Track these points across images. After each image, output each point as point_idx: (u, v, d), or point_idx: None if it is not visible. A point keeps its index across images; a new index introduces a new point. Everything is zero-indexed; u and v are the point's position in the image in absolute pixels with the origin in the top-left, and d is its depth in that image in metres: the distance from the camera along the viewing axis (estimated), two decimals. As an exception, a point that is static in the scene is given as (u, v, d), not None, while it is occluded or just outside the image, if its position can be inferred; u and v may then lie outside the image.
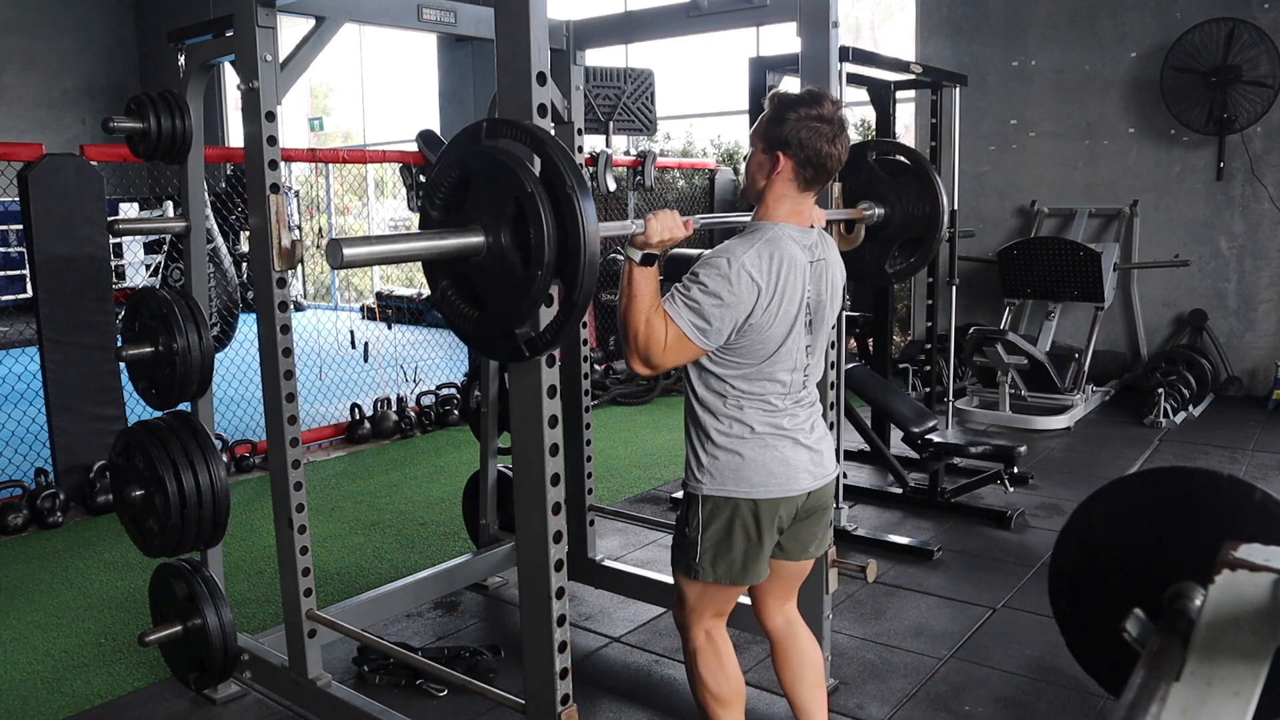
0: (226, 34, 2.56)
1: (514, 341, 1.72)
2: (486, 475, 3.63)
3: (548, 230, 1.59)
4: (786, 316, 1.99)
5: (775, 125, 2.00)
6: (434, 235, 1.68)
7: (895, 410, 4.48)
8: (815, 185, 2.05)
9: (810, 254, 2.05)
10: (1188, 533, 1.18)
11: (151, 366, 2.71)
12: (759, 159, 2.05)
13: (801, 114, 1.97)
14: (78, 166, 4.62)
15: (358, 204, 13.11)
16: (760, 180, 2.05)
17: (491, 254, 1.67)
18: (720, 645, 2.22)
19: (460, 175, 1.72)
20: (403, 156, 6.49)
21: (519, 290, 1.65)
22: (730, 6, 2.72)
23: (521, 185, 1.60)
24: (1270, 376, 6.37)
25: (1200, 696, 0.91)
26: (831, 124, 1.99)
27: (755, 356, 2.01)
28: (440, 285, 1.77)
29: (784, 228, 2.02)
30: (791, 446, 2.08)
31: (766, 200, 2.05)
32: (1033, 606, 3.39)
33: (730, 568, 2.10)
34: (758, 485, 2.05)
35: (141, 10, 14.53)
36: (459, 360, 7.99)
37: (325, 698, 2.64)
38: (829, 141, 1.98)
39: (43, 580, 3.83)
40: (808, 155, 1.98)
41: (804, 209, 2.07)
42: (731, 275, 1.93)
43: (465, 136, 1.73)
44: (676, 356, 1.96)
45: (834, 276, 2.15)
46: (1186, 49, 6.47)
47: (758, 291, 1.94)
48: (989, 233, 7.35)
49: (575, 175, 1.59)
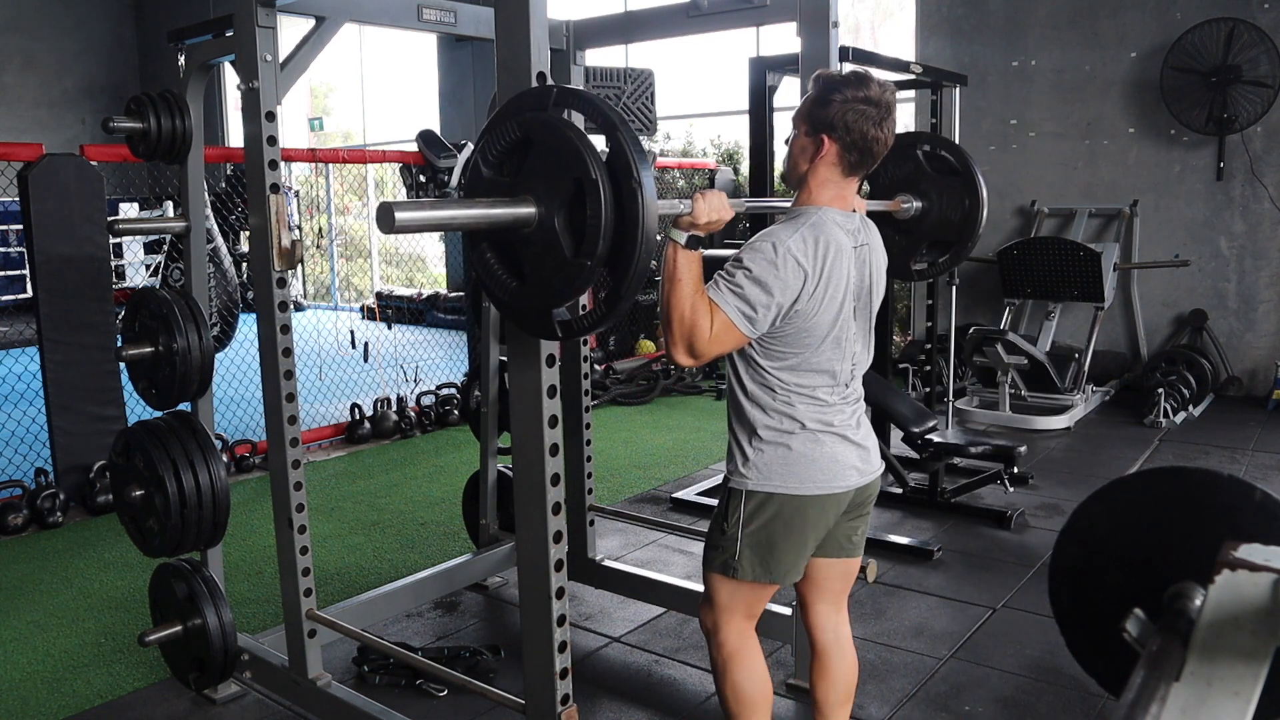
0: (226, 34, 2.56)
1: (549, 320, 1.65)
2: (486, 475, 3.63)
3: (605, 221, 1.52)
4: (833, 303, 1.93)
5: (820, 107, 1.93)
6: (486, 204, 1.61)
7: (895, 410, 4.48)
8: (860, 170, 1.98)
9: (854, 239, 1.99)
10: (1188, 533, 1.18)
11: (151, 366, 2.71)
12: (802, 142, 1.97)
13: (848, 95, 1.90)
14: (78, 166, 4.62)
15: (358, 204, 13.11)
16: (803, 164, 1.98)
17: (542, 229, 1.60)
18: (753, 648, 2.15)
19: (520, 137, 1.64)
20: (403, 156, 6.49)
21: (565, 274, 1.58)
22: (730, 6, 2.72)
23: (586, 169, 1.53)
24: (1270, 376, 6.37)
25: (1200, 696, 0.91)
26: (879, 107, 1.91)
27: (802, 345, 1.95)
28: (481, 248, 1.70)
29: (828, 212, 1.96)
30: (839, 443, 2.02)
31: (809, 184, 1.99)
32: (1033, 606, 3.39)
33: (769, 566, 2.03)
34: (806, 481, 1.99)
35: (141, 10, 14.53)
36: (459, 360, 7.99)
37: (325, 698, 2.64)
38: (875, 125, 1.91)
39: (43, 580, 3.83)
40: (853, 139, 1.91)
41: (848, 194, 2.01)
42: (778, 260, 1.86)
43: (530, 98, 1.65)
44: (722, 345, 1.89)
45: (877, 262, 2.09)
46: (1186, 49, 6.47)
47: (804, 277, 1.87)
48: (989, 233, 7.34)
49: (643, 167, 1.53)
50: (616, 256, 1.55)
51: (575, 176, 1.55)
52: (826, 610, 2.24)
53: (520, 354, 1.90)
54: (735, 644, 2.13)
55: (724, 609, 2.13)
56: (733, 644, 2.13)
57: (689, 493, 4.70)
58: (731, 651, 2.13)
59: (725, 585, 2.10)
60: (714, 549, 2.10)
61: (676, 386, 7.22)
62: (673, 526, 3.85)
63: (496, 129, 1.66)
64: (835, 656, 2.25)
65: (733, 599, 2.11)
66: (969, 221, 2.67)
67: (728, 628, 2.13)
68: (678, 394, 7.13)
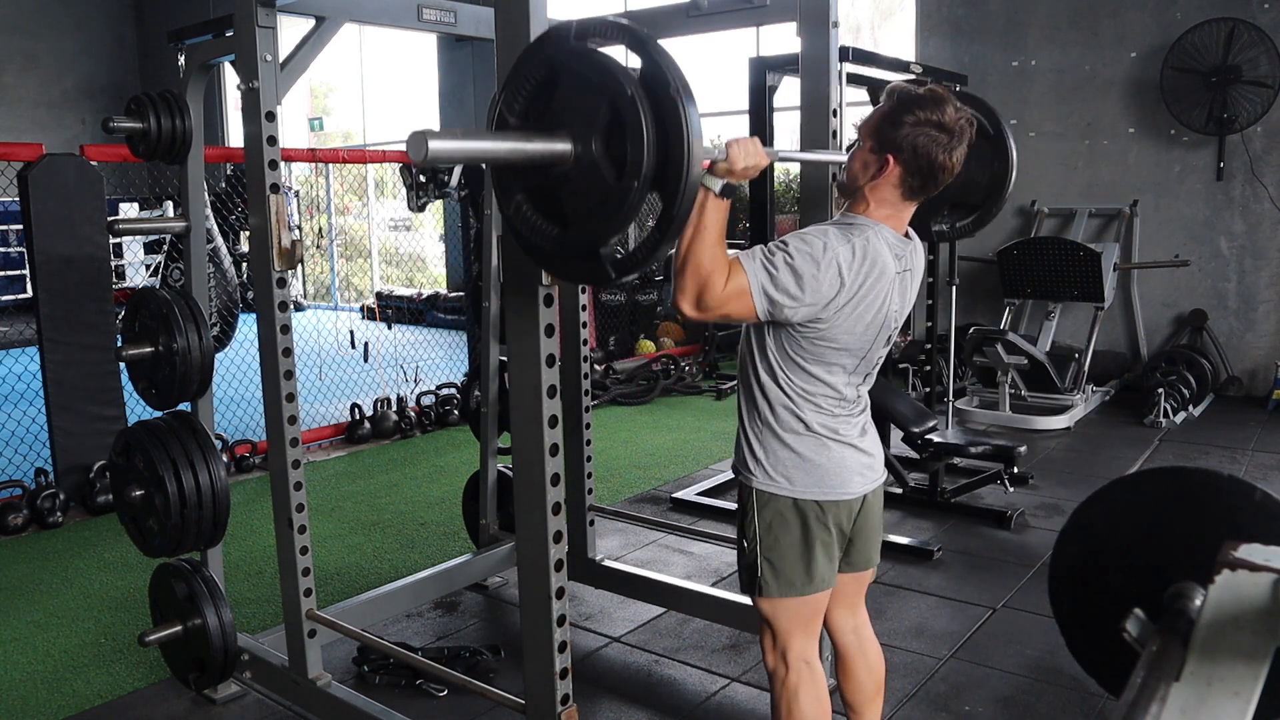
0: (226, 34, 2.56)
1: (598, 262, 1.57)
2: (486, 475, 3.63)
3: (648, 138, 1.45)
4: (860, 322, 1.88)
5: (890, 125, 1.84)
6: (520, 137, 1.55)
7: (895, 410, 4.47)
8: (920, 196, 1.91)
9: (899, 264, 1.93)
10: (1188, 533, 1.18)
11: (151, 366, 2.71)
12: (865, 157, 1.90)
13: (920, 118, 1.82)
14: (78, 166, 4.62)
15: (358, 204, 13.12)
16: (862, 179, 1.91)
17: (579, 164, 1.53)
18: (819, 675, 2.07)
19: (546, 77, 1.57)
20: (403, 156, 6.48)
21: (610, 204, 1.50)
22: (730, 6, 2.71)
23: (620, 88, 1.46)
24: (1270, 376, 6.37)
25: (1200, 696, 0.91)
26: (951, 133, 1.83)
27: (821, 354, 1.91)
28: (515, 200, 1.63)
29: (883, 230, 1.90)
30: (845, 449, 1.99)
31: (868, 198, 1.92)
32: (1033, 606, 3.39)
33: (795, 576, 1.99)
34: (813, 486, 1.97)
35: (141, 10, 14.53)
36: (459, 360, 7.99)
37: (325, 698, 2.64)
38: (945, 152, 1.84)
39: (43, 580, 3.83)
40: (920, 164, 1.84)
41: (904, 216, 1.94)
42: (822, 262, 1.79)
43: (551, 38, 1.60)
44: (729, 308, 1.80)
45: (914, 286, 2.04)
46: (1186, 49, 6.47)
47: (839, 289, 1.82)
48: (989, 233, 7.32)
49: (679, 78, 1.47)
50: (663, 174, 1.47)
51: (609, 99, 1.48)
52: (843, 614, 2.22)
53: (520, 354, 1.90)
54: (804, 673, 2.05)
55: (784, 632, 2.05)
56: (802, 673, 2.05)
57: (689, 493, 4.70)
58: (801, 681, 2.05)
59: (766, 605, 2.04)
60: (743, 569, 2.05)
61: (676, 386, 7.22)
62: (673, 526, 3.85)
63: (518, 76, 1.60)
64: (857, 658, 2.24)
65: (787, 619, 2.03)
66: (997, 185, 2.57)
67: (792, 654, 2.05)
68: (678, 394, 7.13)
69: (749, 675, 2.95)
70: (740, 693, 2.87)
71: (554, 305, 1.87)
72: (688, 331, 8.78)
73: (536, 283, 1.82)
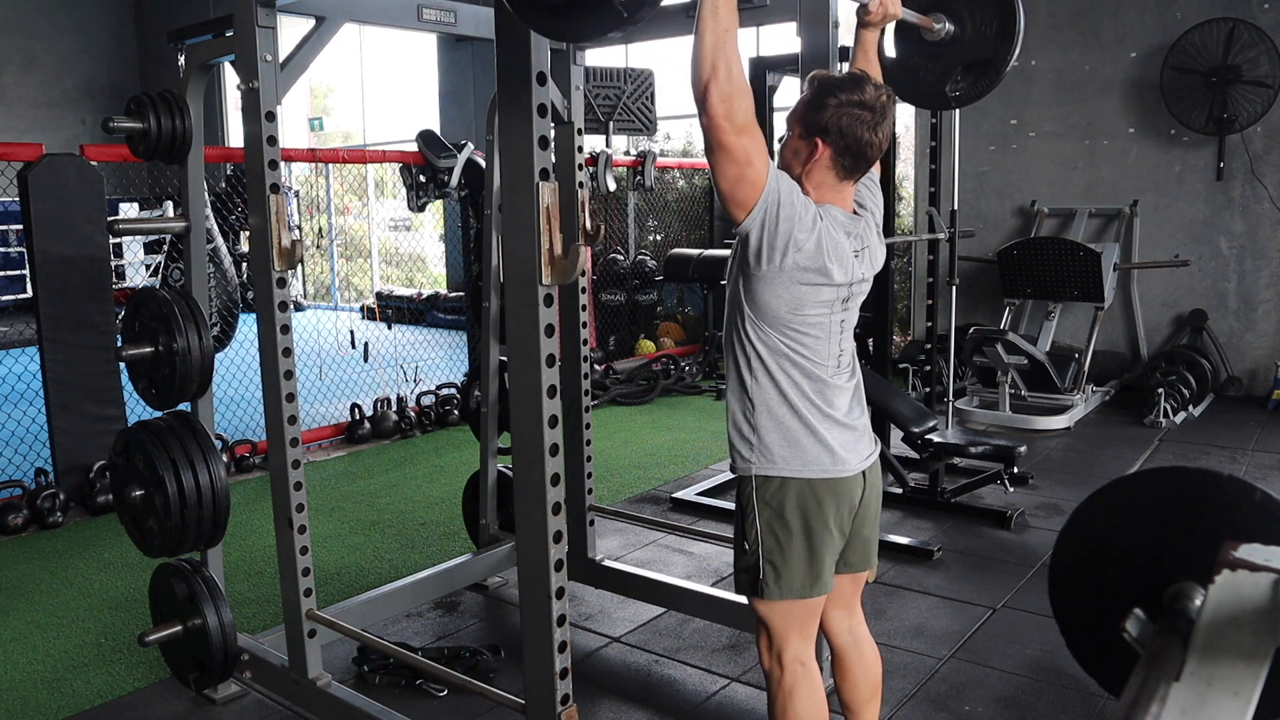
0: (226, 34, 2.55)
1: (608, 3, 1.46)
2: (486, 475, 3.63)
3: None
4: (827, 289, 1.91)
5: (814, 110, 1.90)
6: None
7: (895, 410, 4.48)
8: (854, 174, 1.96)
9: (854, 242, 1.96)
10: (1188, 533, 1.18)
11: (151, 366, 2.71)
12: (795, 144, 1.95)
13: (842, 99, 1.87)
14: (78, 166, 4.62)
15: (358, 204, 13.12)
16: (796, 167, 1.95)
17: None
18: (815, 675, 2.07)
19: None
20: (403, 156, 6.49)
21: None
22: (730, 6, 2.70)
23: None
24: (1270, 376, 6.37)
25: (1200, 696, 0.91)
26: (873, 110, 1.88)
27: (794, 324, 1.92)
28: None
29: (830, 209, 1.93)
30: (834, 427, 1.99)
31: (806, 188, 1.95)
32: (1033, 606, 3.39)
33: (795, 576, 1.98)
34: (810, 464, 1.96)
35: (141, 10, 14.53)
36: (459, 360, 7.99)
37: (325, 698, 2.64)
38: (870, 129, 1.89)
39: (43, 580, 3.83)
40: (847, 144, 1.89)
41: (846, 195, 1.98)
42: (797, 192, 1.86)
43: None
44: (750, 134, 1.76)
45: (875, 259, 2.05)
46: (1186, 49, 6.47)
47: (813, 223, 1.86)
48: (989, 233, 7.35)
49: None
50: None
51: None
52: (839, 615, 2.22)
53: (520, 354, 1.90)
54: (799, 674, 2.05)
55: (780, 634, 2.05)
56: (796, 674, 2.05)
57: (689, 493, 4.70)
58: (796, 683, 2.05)
59: (764, 607, 2.04)
60: (741, 570, 2.04)
61: (676, 386, 7.22)
62: (673, 526, 3.85)
63: None
64: (853, 657, 2.24)
65: (783, 621, 2.04)
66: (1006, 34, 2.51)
67: (787, 656, 2.05)
68: (678, 394, 7.14)
69: (749, 675, 2.95)
70: (740, 693, 2.87)
71: (554, 305, 1.87)
72: (688, 331, 8.78)
73: (537, 282, 1.82)
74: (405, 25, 2.90)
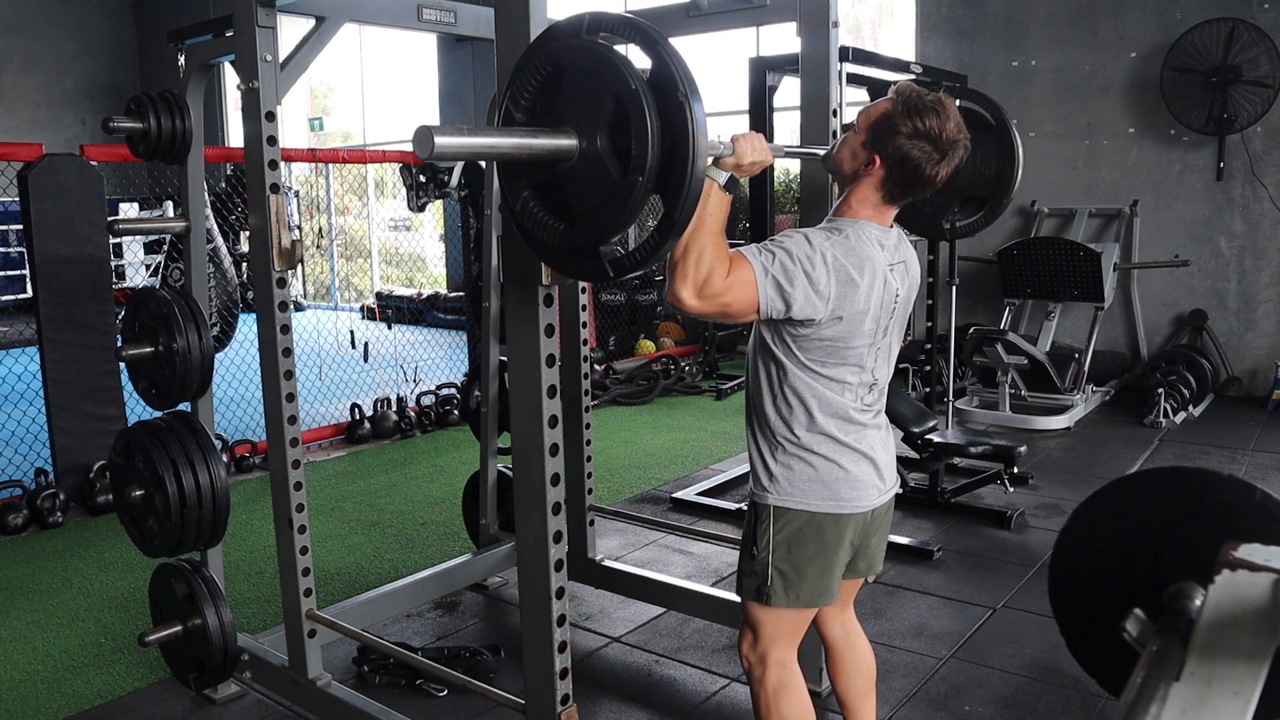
0: (226, 34, 2.56)
1: (597, 260, 1.58)
2: (486, 475, 3.63)
3: (652, 133, 1.45)
4: (862, 319, 1.89)
5: (887, 129, 1.86)
6: (525, 133, 1.54)
7: (895, 410, 4.47)
8: (899, 202, 1.94)
9: (890, 256, 1.95)
10: (1188, 533, 1.18)
11: (151, 366, 2.71)
12: (855, 147, 1.92)
13: (917, 129, 1.83)
14: (78, 166, 4.62)
15: (357, 204, 13.12)
16: (847, 165, 1.94)
17: (584, 159, 1.54)
18: (798, 678, 2.09)
19: (552, 72, 1.57)
20: (403, 156, 6.48)
21: (616, 199, 1.50)
22: (730, 6, 2.72)
23: (625, 82, 1.46)
24: (1270, 376, 6.37)
25: (1200, 696, 0.91)
26: (943, 151, 1.85)
27: (829, 358, 1.91)
28: (521, 196, 1.63)
29: (866, 226, 1.92)
30: (861, 460, 1.98)
31: (850, 200, 1.95)
32: (1033, 606, 3.39)
33: (804, 589, 1.99)
34: (829, 499, 1.95)
35: (141, 10, 14.54)
36: (459, 360, 7.99)
37: (325, 698, 2.64)
38: (931, 166, 1.87)
39: (43, 580, 3.83)
40: (904, 174, 1.87)
41: (887, 216, 1.97)
42: (815, 258, 1.81)
43: (561, 31, 1.57)
44: (732, 294, 1.78)
45: (913, 278, 2.04)
46: (1186, 49, 6.47)
47: (828, 278, 1.82)
48: (989, 233, 7.31)
49: (689, 81, 1.46)
50: (667, 174, 1.48)
51: (614, 93, 1.48)
52: (832, 612, 2.23)
53: (520, 354, 1.90)
54: (781, 676, 2.06)
55: (769, 638, 2.06)
56: (778, 676, 2.06)
57: (689, 493, 4.70)
58: (780, 684, 2.06)
59: (766, 613, 2.04)
60: (747, 575, 2.04)
61: (676, 386, 7.22)
62: (673, 526, 3.85)
63: (525, 70, 1.59)
64: (846, 651, 2.26)
65: (777, 627, 2.05)
66: (1004, 178, 2.57)
67: (772, 657, 2.06)
68: (678, 394, 7.13)
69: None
70: (740, 693, 2.87)
71: (554, 305, 1.87)
72: (688, 331, 8.78)
73: (536, 282, 1.82)
74: (405, 25, 2.90)
